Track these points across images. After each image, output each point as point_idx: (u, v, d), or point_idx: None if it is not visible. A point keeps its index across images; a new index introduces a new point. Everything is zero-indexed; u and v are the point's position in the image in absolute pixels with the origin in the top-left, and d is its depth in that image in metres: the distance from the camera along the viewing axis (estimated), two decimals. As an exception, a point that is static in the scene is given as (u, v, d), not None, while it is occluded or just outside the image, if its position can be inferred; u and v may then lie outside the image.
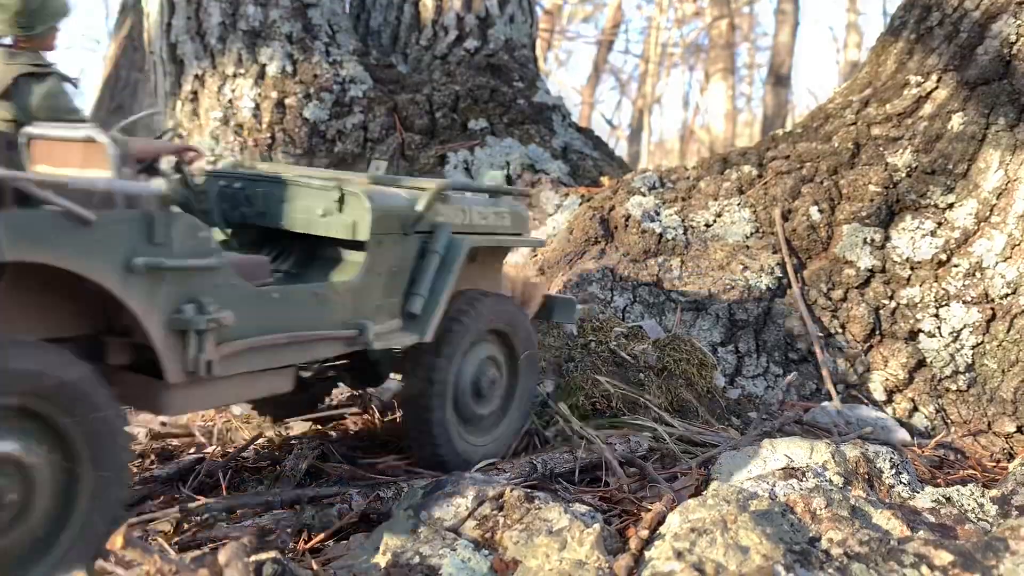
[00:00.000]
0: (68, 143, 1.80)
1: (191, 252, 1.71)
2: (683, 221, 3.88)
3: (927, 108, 3.77)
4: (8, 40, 1.96)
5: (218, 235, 2.30)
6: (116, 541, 1.33)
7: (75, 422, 1.53)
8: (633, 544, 1.71)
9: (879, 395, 3.38)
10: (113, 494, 1.60)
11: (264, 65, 5.01)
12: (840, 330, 3.49)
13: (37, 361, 1.48)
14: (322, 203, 2.18)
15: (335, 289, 2.06)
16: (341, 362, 2.56)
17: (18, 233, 1.43)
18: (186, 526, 2.04)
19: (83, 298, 1.66)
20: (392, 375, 2.69)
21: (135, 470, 2.61)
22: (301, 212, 2.22)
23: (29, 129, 1.88)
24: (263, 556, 1.56)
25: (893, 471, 2.15)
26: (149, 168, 2.20)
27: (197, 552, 1.85)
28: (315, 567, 1.71)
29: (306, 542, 1.95)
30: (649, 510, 1.90)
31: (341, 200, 2.15)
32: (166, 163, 2.25)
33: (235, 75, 5.02)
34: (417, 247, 2.28)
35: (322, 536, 1.99)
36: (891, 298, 3.49)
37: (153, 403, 1.79)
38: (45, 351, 1.52)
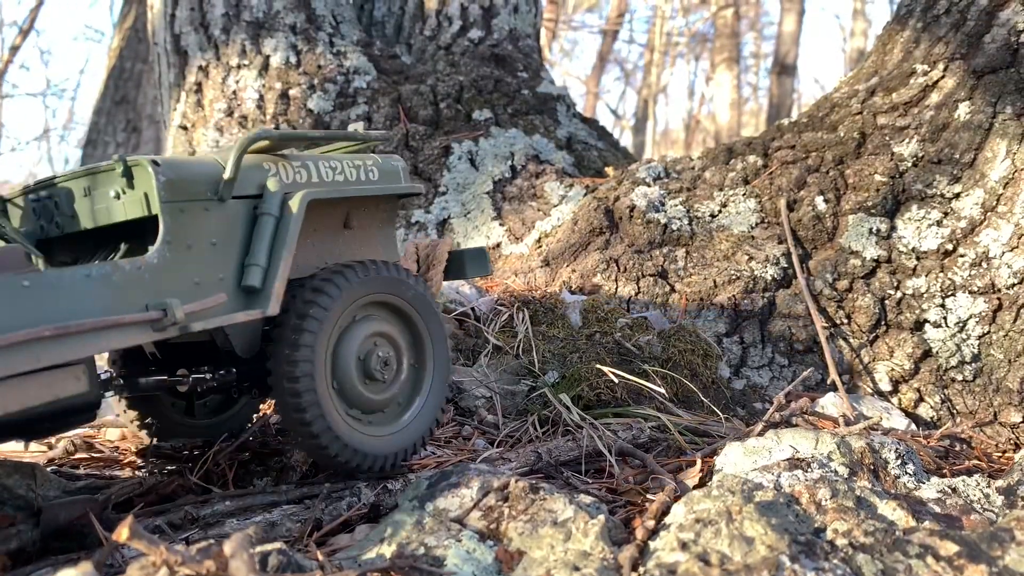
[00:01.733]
0: None
1: None
2: (688, 211, 3.87)
3: (934, 97, 3.75)
4: None
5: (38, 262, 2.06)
6: (121, 533, 1.33)
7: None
8: (639, 535, 1.71)
9: (885, 385, 3.38)
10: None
11: (268, 56, 5.00)
12: (845, 320, 3.49)
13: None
14: (113, 186, 1.93)
15: (120, 268, 1.76)
16: (224, 370, 2.20)
17: None
18: (194, 522, 2.05)
19: None
20: None
21: (140, 461, 2.62)
22: (99, 203, 1.98)
23: None
24: (268, 547, 1.57)
25: (899, 461, 2.15)
26: None
27: (203, 543, 1.86)
28: (320, 558, 1.72)
29: (311, 534, 1.95)
30: (653, 501, 1.90)
31: (128, 175, 1.89)
32: None
33: (239, 66, 5.02)
34: (245, 214, 2.01)
35: (328, 528, 1.99)
36: (897, 288, 3.47)
37: None
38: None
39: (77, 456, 2.73)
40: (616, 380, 2.94)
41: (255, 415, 2.72)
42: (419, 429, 2.27)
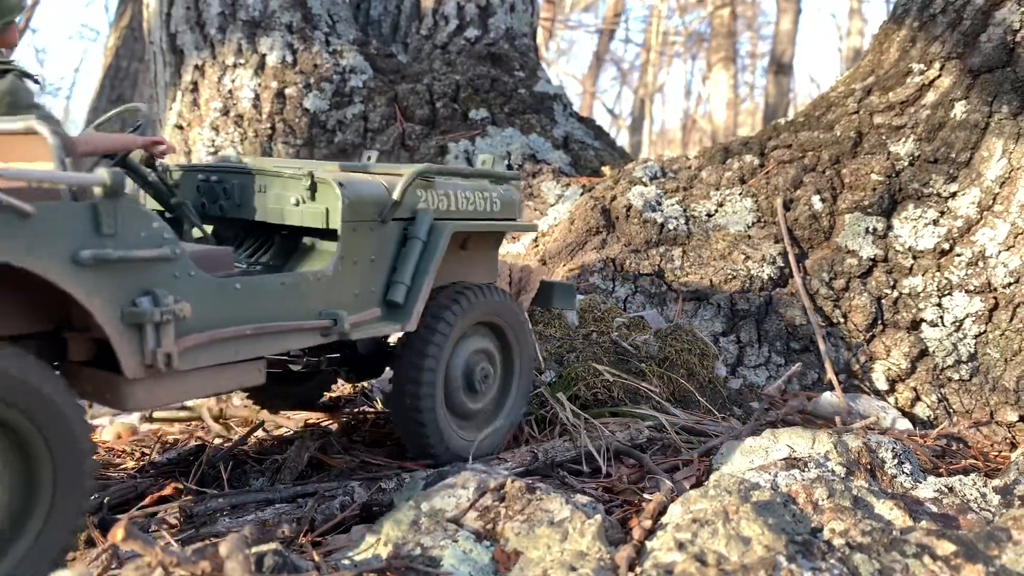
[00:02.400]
0: (12, 136, 1.72)
1: (142, 243, 1.65)
2: (685, 211, 3.87)
3: (930, 96, 3.75)
4: None
5: (197, 232, 2.27)
6: (117, 534, 1.33)
7: None
8: (635, 534, 1.71)
9: (881, 385, 3.38)
10: None
11: (264, 55, 4.99)
12: (842, 320, 3.49)
13: None
14: (294, 192, 2.14)
15: (306, 278, 2.00)
16: (334, 355, 2.48)
17: None
18: (189, 520, 2.05)
19: (40, 294, 1.60)
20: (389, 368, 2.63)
21: (136, 460, 2.61)
22: (275, 203, 2.19)
23: None
24: (264, 548, 1.56)
25: (895, 461, 2.15)
26: (121, 162, 2.17)
27: (199, 544, 1.85)
28: (316, 559, 1.71)
29: (307, 534, 1.95)
30: (650, 501, 1.90)
31: (313, 188, 2.10)
32: (137, 156, 2.21)
33: (235, 65, 5.01)
34: (397, 234, 2.23)
35: (324, 528, 1.99)
36: (893, 287, 3.48)
37: (113, 399, 1.72)
38: None
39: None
40: (613, 379, 2.94)
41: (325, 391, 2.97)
42: (503, 433, 2.54)
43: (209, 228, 2.36)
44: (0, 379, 1.46)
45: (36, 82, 1.96)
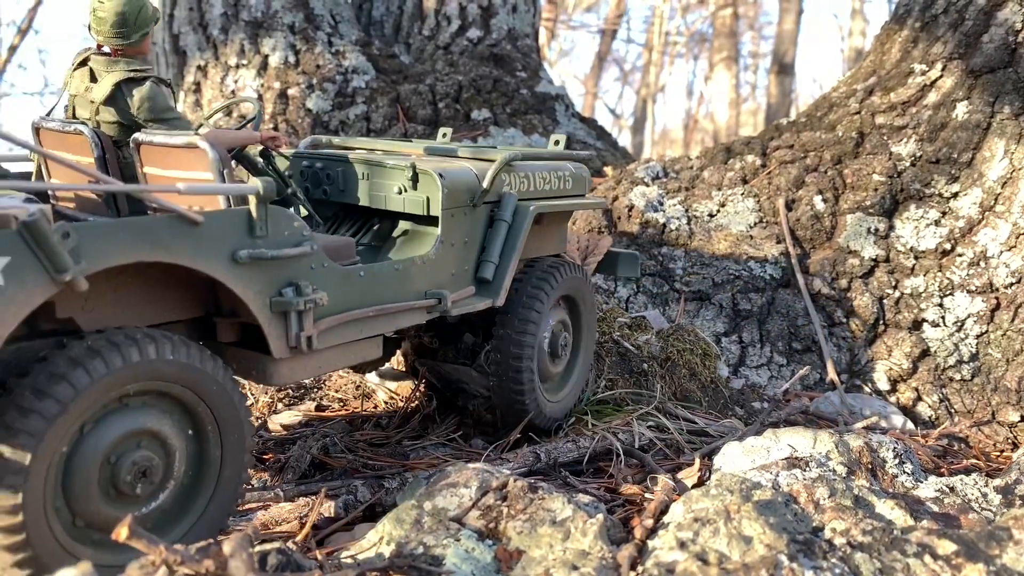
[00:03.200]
0: (173, 148, 1.95)
1: (287, 242, 1.87)
2: (687, 211, 3.88)
3: (932, 97, 3.75)
4: (106, 49, 2.08)
5: (302, 211, 2.43)
6: (121, 532, 1.34)
7: None
8: (637, 534, 1.71)
9: (883, 385, 3.38)
10: None
11: (267, 56, 5.00)
12: (844, 320, 3.49)
13: None
14: (397, 181, 2.35)
15: (414, 263, 2.23)
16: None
17: (139, 236, 1.59)
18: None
19: (193, 284, 1.84)
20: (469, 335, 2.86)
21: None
22: (378, 190, 2.41)
23: (137, 136, 2.02)
24: (268, 547, 1.57)
25: (896, 461, 2.15)
26: (238, 154, 2.34)
27: (202, 543, 1.86)
28: (319, 557, 1.72)
29: (311, 533, 1.95)
30: (652, 500, 1.90)
31: (415, 178, 2.31)
32: (253, 150, 2.39)
33: (237, 66, 5.02)
34: (486, 216, 2.44)
35: (327, 527, 2.00)
36: (895, 288, 3.48)
37: (262, 375, 1.95)
38: None
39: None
40: (616, 379, 2.95)
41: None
42: (575, 394, 2.82)
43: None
44: (173, 364, 1.66)
45: (169, 87, 2.10)
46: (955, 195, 3.53)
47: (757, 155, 4.09)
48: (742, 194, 3.89)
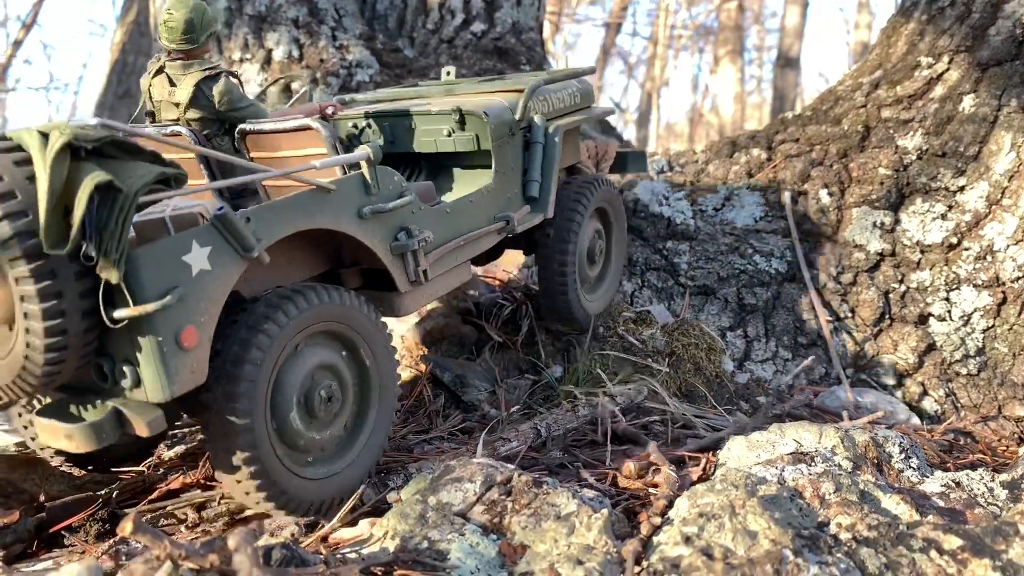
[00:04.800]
0: (285, 132, 2.23)
1: (393, 195, 2.19)
2: (692, 205, 3.86)
3: (938, 90, 3.73)
4: (176, 53, 2.29)
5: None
6: (126, 527, 1.34)
7: None
8: (642, 529, 1.71)
9: (889, 379, 3.37)
10: None
11: (270, 50, 5.00)
12: (850, 314, 3.48)
13: None
14: (445, 125, 2.62)
15: (482, 193, 2.56)
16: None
17: (294, 211, 1.90)
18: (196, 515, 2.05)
19: (320, 245, 2.16)
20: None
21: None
22: (427, 136, 2.67)
23: (243, 126, 2.29)
24: (272, 541, 1.57)
25: (902, 455, 2.14)
26: None
27: (207, 537, 1.86)
28: (324, 552, 1.72)
29: (315, 527, 1.95)
30: (656, 495, 1.90)
31: (462, 120, 2.58)
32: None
33: (241, 60, 5.01)
34: (521, 141, 2.73)
35: (331, 522, 2.00)
36: (901, 282, 3.47)
37: (391, 309, 2.28)
38: None
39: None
40: (620, 374, 2.94)
41: None
42: (609, 294, 3.23)
43: None
44: (335, 306, 1.98)
45: (238, 78, 2.35)
46: (961, 189, 3.51)
47: (763, 149, 4.07)
48: (748, 188, 3.88)
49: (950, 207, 3.50)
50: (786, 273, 3.58)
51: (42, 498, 2.11)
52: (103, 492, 2.18)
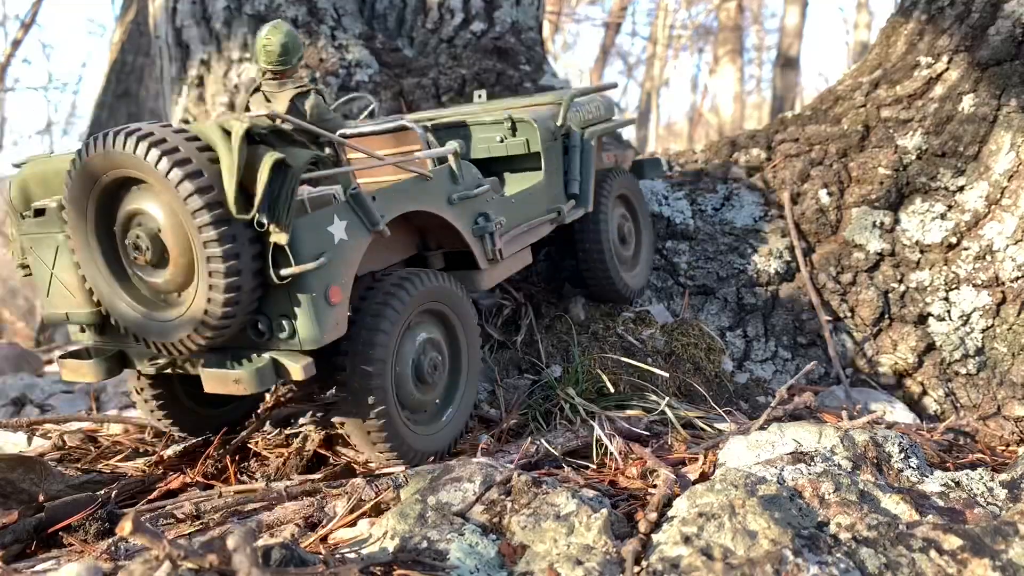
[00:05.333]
0: (383, 134, 2.59)
1: (473, 184, 2.52)
2: (691, 205, 3.86)
3: (938, 90, 3.73)
4: (271, 73, 2.56)
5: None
6: (125, 527, 1.33)
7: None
8: (642, 527, 1.71)
9: (888, 379, 3.37)
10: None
11: (270, 49, 4.99)
12: (849, 314, 3.48)
13: None
14: (498, 132, 2.94)
15: (537, 188, 2.88)
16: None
17: (404, 194, 2.25)
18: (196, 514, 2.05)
19: (409, 231, 2.47)
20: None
21: (145, 453, 2.62)
22: (482, 143, 2.97)
23: (345, 130, 2.55)
24: (271, 541, 1.57)
25: (902, 455, 2.14)
26: None
27: (206, 537, 1.86)
28: (323, 552, 1.72)
29: (314, 527, 1.95)
30: (655, 495, 1.90)
31: (514, 128, 2.90)
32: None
33: (241, 60, 5.01)
34: (562, 146, 3.05)
35: (331, 522, 1.99)
36: (900, 281, 3.47)
37: (471, 284, 2.58)
38: None
39: (80, 449, 2.73)
40: (619, 374, 2.94)
41: None
42: (644, 273, 3.54)
43: None
44: (438, 287, 2.34)
45: (320, 94, 2.61)
46: (961, 188, 3.51)
47: (762, 148, 4.07)
48: (747, 187, 3.87)
49: (950, 207, 3.50)
50: (785, 273, 3.58)
51: (41, 498, 2.11)
52: (102, 492, 2.18)
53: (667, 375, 2.99)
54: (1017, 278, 3.32)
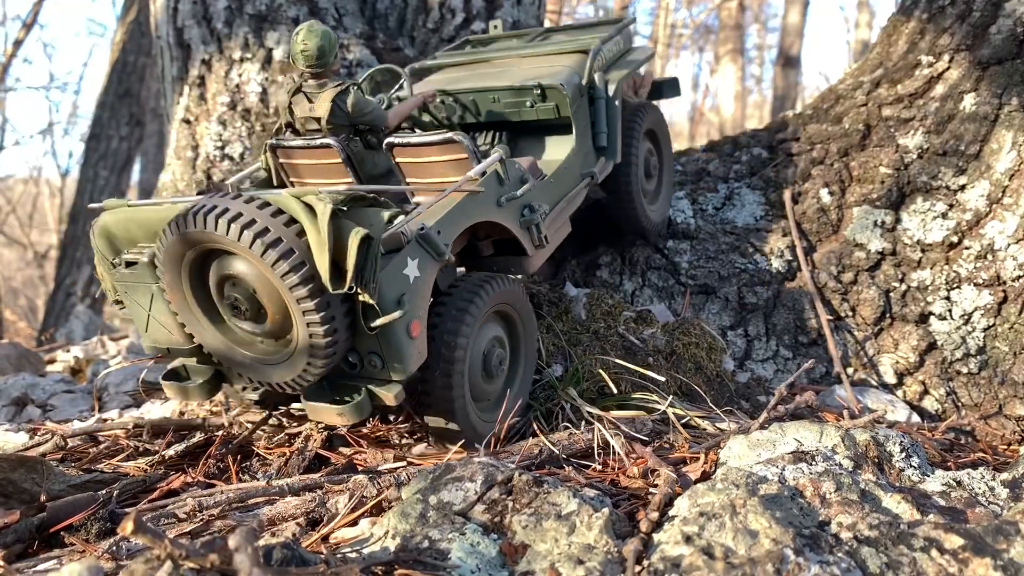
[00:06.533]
0: (429, 145, 2.68)
1: (517, 182, 2.68)
2: (693, 204, 3.86)
3: (939, 89, 3.73)
4: (308, 74, 2.70)
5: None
6: (126, 526, 1.33)
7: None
8: (643, 528, 1.71)
9: (889, 378, 3.37)
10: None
11: (271, 49, 4.99)
12: (850, 313, 3.48)
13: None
14: (528, 98, 3.05)
15: (572, 156, 3.02)
16: None
17: (462, 214, 2.42)
18: (197, 513, 2.05)
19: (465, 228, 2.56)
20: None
21: (146, 453, 2.62)
22: (511, 108, 3.11)
23: (391, 139, 2.69)
24: (273, 541, 1.57)
25: (903, 454, 2.14)
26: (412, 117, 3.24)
27: (207, 537, 1.86)
28: (324, 552, 1.72)
29: (315, 527, 1.95)
30: (656, 494, 1.90)
31: (542, 93, 3.00)
32: (417, 111, 3.23)
33: (242, 59, 5.01)
34: (587, 99, 3.12)
35: (332, 521, 1.99)
36: (901, 281, 3.46)
37: (518, 268, 2.77)
38: None
39: (82, 449, 2.73)
40: (620, 374, 2.94)
41: None
42: (666, 207, 3.70)
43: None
44: (507, 290, 2.56)
45: (359, 88, 2.76)
46: (962, 187, 3.51)
47: (763, 148, 4.07)
48: (748, 187, 3.87)
49: (951, 206, 3.50)
50: (786, 272, 3.58)
51: (43, 498, 2.11)
52: (103, 492, 2.18)
53: (663, 379, 2.98)
54: (1018, 277, 3.32)
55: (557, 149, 3.09)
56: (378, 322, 2.08)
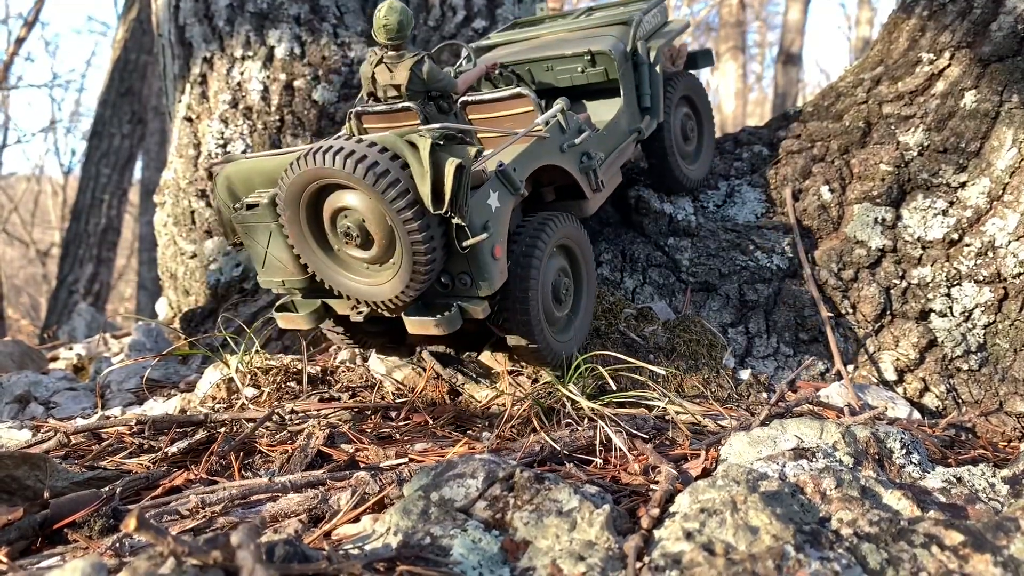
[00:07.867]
0: (501, 100, 3.01)
1: (577, 131, 2.97)
2: (693, 201, 3.86)
3: (939, 86, 3.73)
4: (389, 46, 2.94)
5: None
6: (129, 523, 1.34)
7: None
8: (644, 523, 1.71)
9: (890, 375, 3.37)
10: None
11: (272, 47, 5.00)
12: (851, 310, 3.48)
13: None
14: (579, 64, 3.37)
15: (621, 112, 3.33)
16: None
17: (533, 155, 2.74)
18: (200, 510, 2.06)
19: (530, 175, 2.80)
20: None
21: (149, 450, 2.63)
22: (563, 75, 3.44)
23: (465, 98, 3.05)
24: (275, 538, 1.57)
25: (903, 451, 2.15)
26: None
27: (210, 534, 1.87)
28: (326, 548, 1.72)
29: (317, 524, 1.96)
30: (657, 491, 1.90)
31: (592, 60, 3.32)
32: (478, 81, 3.46)
33: (243, 58, 5.01)
34: (630, 63, 3.41)
35: (334, 518, 2.00)
36: (902, 278, 3.47)
37: (579, 211, 3.04)
38: None
39: (85, 447, 2.74)
40: (621, 371, 2.95)
41: None
42: (707, 163, 3.93)
43: None
44: (569, 226, 2.84)
45: (432, 58, 2.98)
46: (963, 185, 3.51)
47: (764, 145, 4.07)
48: (749, 184, 3.87)
49: (951, 203, 3.50)
50: (787, 269, 3.58)
51: (46, 495, 2.12)
52: (106, 489, 2.19)
53: (664, 372, 3.01)
54: (1019, 274, 3.32)
55: (606, 110, 3.36)
56: (468, 242, 2.39)
